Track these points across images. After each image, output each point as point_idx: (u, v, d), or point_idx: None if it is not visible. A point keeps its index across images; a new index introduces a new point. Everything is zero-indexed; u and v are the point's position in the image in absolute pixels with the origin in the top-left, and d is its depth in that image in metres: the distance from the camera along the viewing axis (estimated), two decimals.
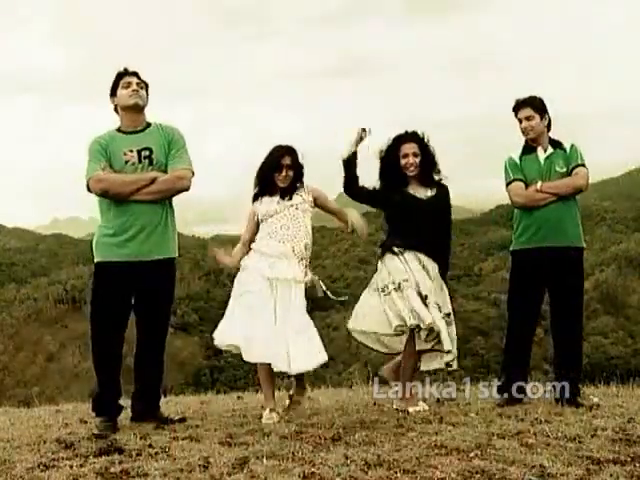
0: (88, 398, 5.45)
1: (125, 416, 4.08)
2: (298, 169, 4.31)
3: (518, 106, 4.50)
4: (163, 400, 4.23)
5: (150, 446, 3.34)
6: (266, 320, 4.05)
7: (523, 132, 4.49)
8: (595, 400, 4.36)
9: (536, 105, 4.46)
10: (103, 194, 3.91)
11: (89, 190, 3.94)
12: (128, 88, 3.97)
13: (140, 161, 3.94)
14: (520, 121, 4.48)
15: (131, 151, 3.93)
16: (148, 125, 4.05)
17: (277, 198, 4.29)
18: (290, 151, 4.30)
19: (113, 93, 4.04)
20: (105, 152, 3.92)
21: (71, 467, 3.02)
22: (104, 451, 3.25)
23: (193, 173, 4.02)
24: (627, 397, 4.69)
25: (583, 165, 4.44)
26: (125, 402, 4.08)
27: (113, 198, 3.91)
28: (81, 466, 3.03)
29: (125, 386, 4.02)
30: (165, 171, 3.97)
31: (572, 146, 4.48)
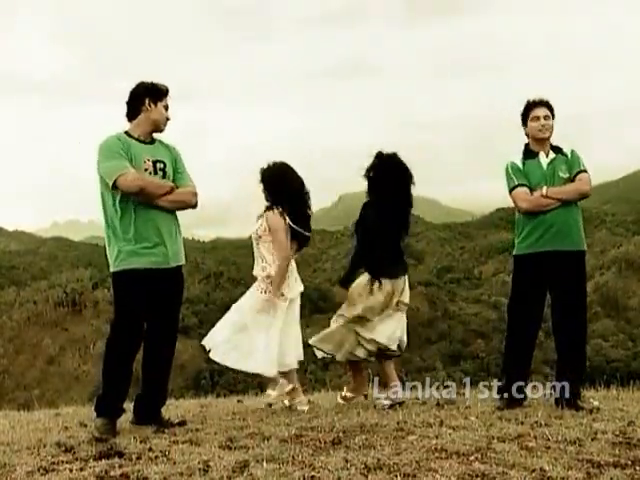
0: (88, 401, 5.44)
1: (125, 419, 4.08)
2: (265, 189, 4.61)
3: (535, 104, 4.45)
4: None
5: (150, 450, 3.34)
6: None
7: (539, 131, 4.41)
8: (595, 403, 4.35)
9: (551, 107, 4.47)
10: (136, 192, 3.82)
11: (115, 187, 3.81)
12: (167, 111, 4.04)
13: (156, 172, 3.97)
14: (536, 119, 4.41)
15: (148, 160, 3.96)
16: (153, 140, 4.08)
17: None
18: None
19: (154, 99, 3.98)
20: (127, 153, 3.89)
21: (71, 471, 3.02)
22: (104, 454, 3.25)
23: None
24: (627, 400, 4.67)
25: (585, 171, 4.45)
26: (125, 405, 4.07)
27: (142, 198, 3.85)
28: (81, 469, 3.03)
29: None
30: None
31: (572, 152, 4.49)
